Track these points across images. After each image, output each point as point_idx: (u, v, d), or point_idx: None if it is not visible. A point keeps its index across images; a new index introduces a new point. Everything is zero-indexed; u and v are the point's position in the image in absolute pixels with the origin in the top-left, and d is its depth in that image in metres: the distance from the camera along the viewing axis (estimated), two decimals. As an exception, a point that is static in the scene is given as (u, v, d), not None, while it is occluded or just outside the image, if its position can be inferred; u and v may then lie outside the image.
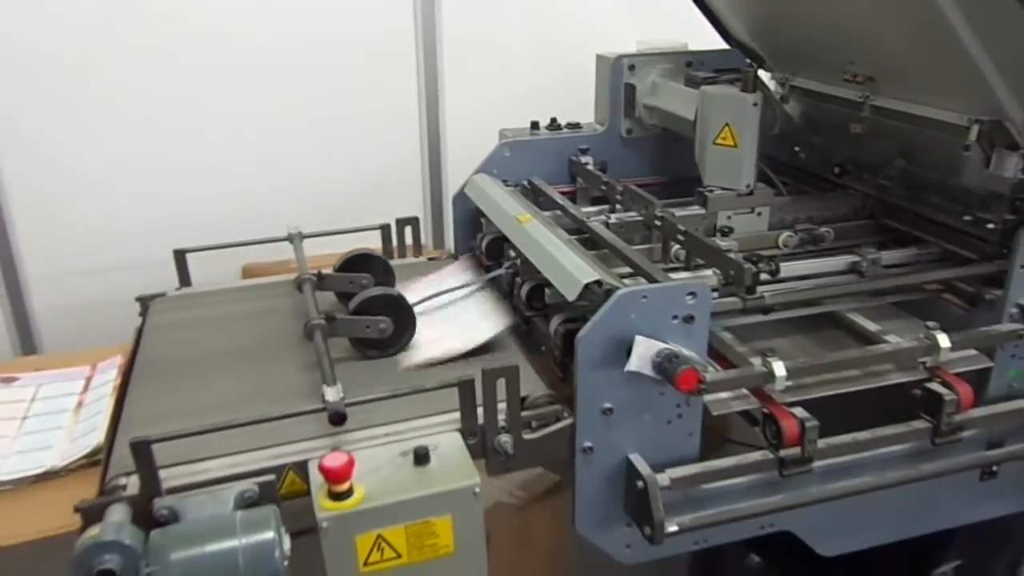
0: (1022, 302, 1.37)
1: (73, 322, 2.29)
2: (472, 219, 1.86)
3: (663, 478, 1.22)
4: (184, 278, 1.78)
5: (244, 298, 1.72)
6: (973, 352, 1.40)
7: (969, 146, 1.40)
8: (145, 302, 1.72)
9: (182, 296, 1.75)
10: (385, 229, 1.85)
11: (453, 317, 1.54)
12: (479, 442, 1.21)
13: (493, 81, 2.46)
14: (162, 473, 1.11)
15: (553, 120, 1.94)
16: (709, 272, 1.40)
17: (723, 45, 1.97)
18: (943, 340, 1.31)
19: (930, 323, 1.34)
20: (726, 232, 1.51)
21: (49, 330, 2.32)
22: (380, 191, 2.22)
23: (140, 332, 1.61)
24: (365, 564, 1.08)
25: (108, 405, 1.38)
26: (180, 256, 1.77)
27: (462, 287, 1.63)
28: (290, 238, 1.77)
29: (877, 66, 1.55)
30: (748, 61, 1.91)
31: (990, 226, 1.40)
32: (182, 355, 1.48)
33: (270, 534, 1.04)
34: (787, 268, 1.48)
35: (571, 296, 1.25)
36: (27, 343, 2.32)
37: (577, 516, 1.30)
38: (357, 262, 1.62)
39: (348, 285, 1.54)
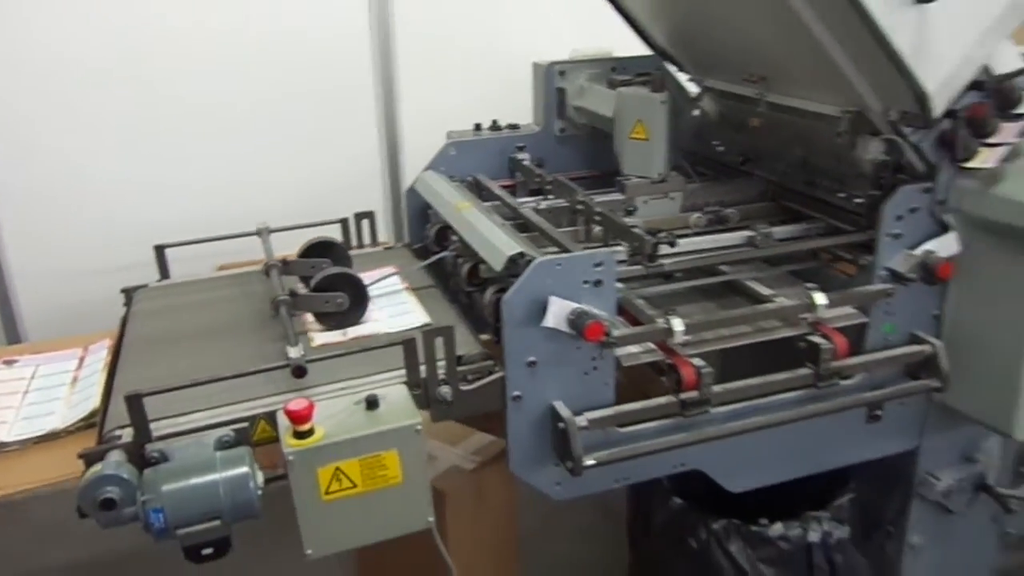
0: (889, 265, 1.61)
1: (57, 318, 2.47)
2: (422, 212, 2.07)
3: (581, 420, 1.44)
4: (164, 271, 1.98)
5: (219, 286, 1.92)
6: (852, 310, 1.63)
7: (840, 133, 1.64)
8: (129, 293, 1.92)
9: (163, 286, 1.94)
10: (344, 223, 2.06)
11: (390, 305, 1.74)
12: (423, 393, 1.41)
13: (445, 87, 2.68)
14: (152, 425, 1.31)
15: (494, 122, 2.16)
16: (621, 246, 1.62)
17: (647, 51, 2.20)
18: (820, 298, 1.54)
19: (809, 284, 1.58)
20: (630, 211, 1.74)
21: (34, 325, 2.50)
22: (343, 189, 2.43)
23: (125, 318, 1.81)
24: (326, 493, 1.28)
25: (101, 378, 1.57)
26: (160, 251, 1.96)
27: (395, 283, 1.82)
28: (258, 232, 1.97)
29: (768, 67, 1.79)
30: (665, 65, 2.14)
31: (858, 201, 1.63)
32: (165, 334, 1.68)
33: (245, 468, 1.25)
34: (693, 243, 1.71)
35: (498, 267, 1.46)
36: (12, 337, 2.50)
37: (511, 458, 1.51)
38: (318, 249, 1.83)
39: (310, 269, 1.74)
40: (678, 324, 1.45)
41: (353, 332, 1.62)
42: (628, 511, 2.11)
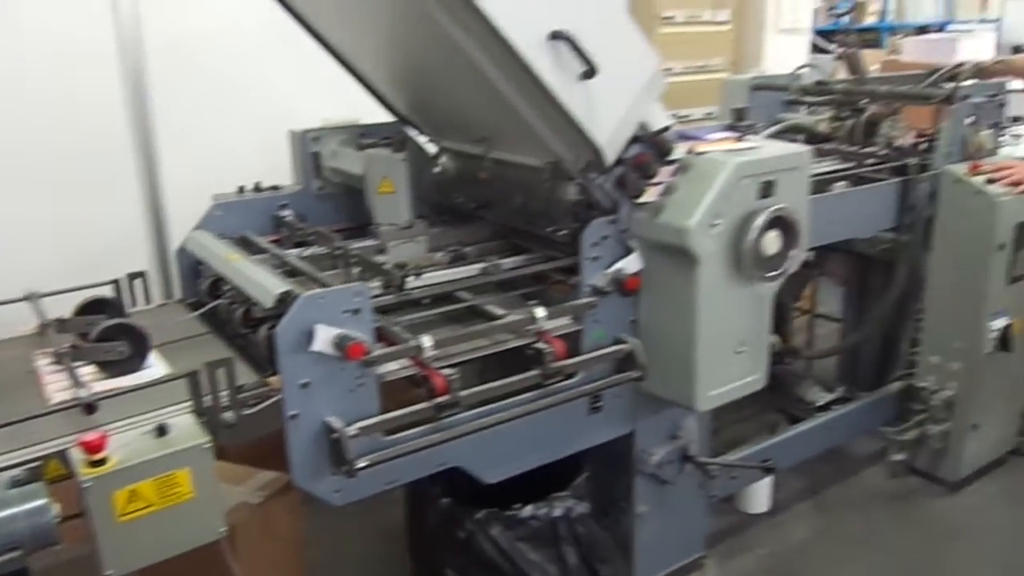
0: (591, 282, 2.02)
1: None
2: (194, 269, 2.23)
3: (352, 429, 1.69)
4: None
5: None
6: (567, 320, 2.02)
7: (545, 181, 2.05)
8: None
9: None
10: (116, 283, 2.16)
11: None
12: (209, 420, 1.59)
13: (206, 152, 2.83)
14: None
15: (257, 184, 2.38)
16: (376, 281, 1.90)
17: (391, 118, 2.52)
18: (540, 312, 1.90)
19: (532, 302, 1.95)
20: (381, 251, 2.05)
21: None
22: (110, 253, 2.50)
23: None
24: (123, 514, 1.42)
25: None
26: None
27: None
28: (28, 297, 2.03)
29: (487, 129, 2.17)
30: (407, 129, 2.48)
31: (563, 233, 2.04)
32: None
33: (42, 500, 1.37)
34: (437, 275, 2.03)
35: (269, 304, 1.69)
36: None
37: (293, 471, 1.71)
38: (93, 308, 1.94)
39: (87, 326, 1.85)
40: (427, 341, 1.75)
41: (133, 379, 1.75)
42: (407, 525, 2.36)
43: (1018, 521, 2.82)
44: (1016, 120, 3.12)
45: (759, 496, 2.84)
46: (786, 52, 4.31)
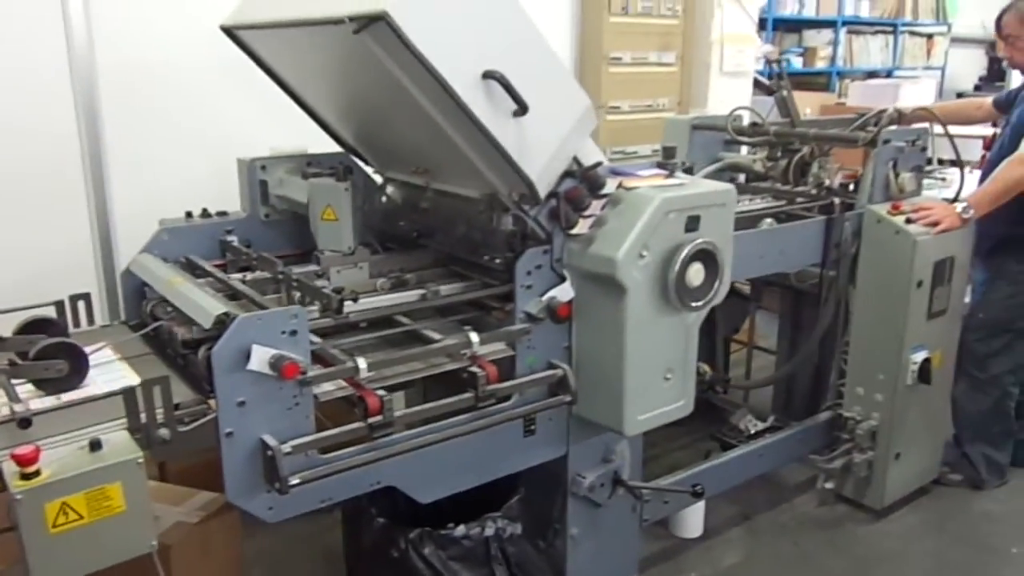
0: (525, 309, 2.10)
1: None
2: (138, 291, 2.27)
3: (286, 447, 1.74)
4: None
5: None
6: (501, 345, 2.10)
7: (482, 211, 2.14)
8: None
9: None
10: (59, 304, 2.20)
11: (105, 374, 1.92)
12: (144, 436, 1.63)
13: (155, 177, 2.89)
14: None
15: (204, 210, 2.43)
16: (315, 304, 1.97)
17: (338, 148, 2.60)
18: (474, 337, 1.99)
19: (467, 327, 2.02)
20: (320, 275, 2.12)
21: None
22: (59, 274, 2.53)
23: None
24: (54, 526, 1.46)
25: None
26: None
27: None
28: (-31, 316, 2.06)
29: (428, 161, 2.26)
30: (354, 159, 2.56)
31: (499, 261, 2.13)
32: None
33: (-27, 512, 1.40)
34: (376, 300, 2.10)
35: (207, 325, 1.75)
36: None
37: (228, 488, 1.76)
38: (33, 327, 1.97)
39: (27, 344, 1.88)
40: (362, 362, 1.82)
41: (70, 396, 1.79)
42: (344, 545, 2.40)
43: (940, 548, 2.94)
44: (941, 163, 3.30)
45: (692, 521, 2.93)
46: (730, 93, 4.47)
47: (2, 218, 2.67)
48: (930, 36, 9.29)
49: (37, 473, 1.45)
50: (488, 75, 1.78)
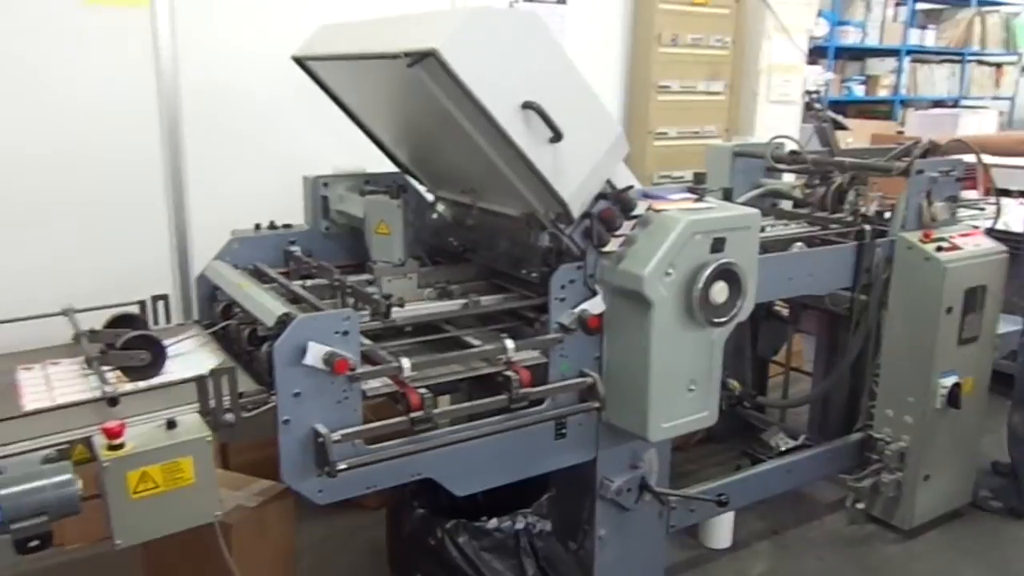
0: (559, 320, 2.27)
1: None
2: (211, 294, 2.51)
3: (335, 435, 1.93)
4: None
5: (35, 358, 2.22)
6: (535, 353, 2.27)
7: (521, 229, 2.32)
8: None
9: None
10: (142, 303, 2.45)
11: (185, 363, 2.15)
12: (212, 419, 1.85)
13: (232, 194, 3.16)
14: (-7, 451, 1.66)
15: (272, 222, 2.68)
16: (366, 309, 2.17)
17: (394, 168, 2.82)
18: (509, 344, 2.16)
19: (503, 335, 2.20)
20: (372, 283, 2.33)
21: None
22: (141, 278, 2.81)
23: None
24: (134, 492, 1.68)
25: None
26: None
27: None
28: (65, 312, 2.32)
29: (474, 182, 2.45)
30: (408, 179, 2.77)
31: (535, 276, 2.31)
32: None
33: (68, 475, 1.63)
34: (421, 307, 2.30)
35: (270, 323, 1.96)
36: None
37: (283, 471, 1.96)
38: (121, 322, 2.22)
39: (115, 337, 2.13)
40: (406, 362, 2.01)
41: (152, 382, 2.03)
42: (387, 533, 2.59)
43: (965, 570, 2.99)
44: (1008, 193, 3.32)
45: (721, 532, 3.04)
46: (778, 120, 4.60)
47: (94, 228, 2.98)
48: (999, 65, 9.19)
49: (122, 446, 1.67)
50: (527, 105, 1.97)
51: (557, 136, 2.00)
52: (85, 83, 2.92)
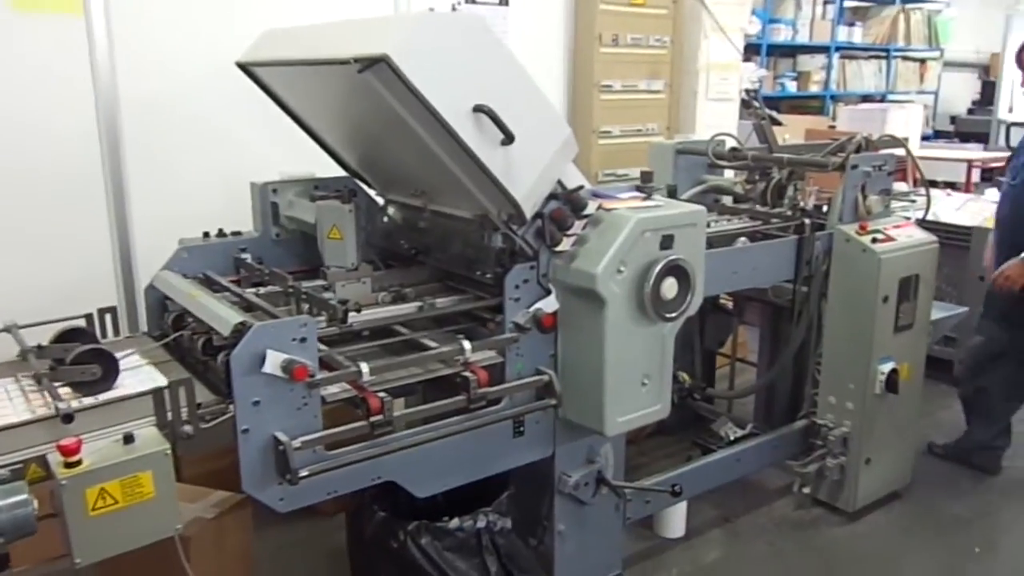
0: (513, 320, 2.30)
1: None
2: (160, 305, 2.48)
3: (296, 442, 1.93)
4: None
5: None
6: (492, 353, 2.30)
7: (474, 231, 2.34)
8: None
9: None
10: (88, 317, 2.40)
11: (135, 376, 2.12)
12: (170, 431, 1.83)
13: (177, 202, 3.10)
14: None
15: (220, 230, 2.65)
16: (322, 315, 2.17)
17: (343, 172, 2.82)
18: (466, 344, 2.19)
19: (460, 336, 2.22)
20: (326, 288, 2.33)
21: None
22: (84, 290, 2.75)
23: None
24: (93, 509, 1.65)
25: None
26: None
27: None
28: (8, 329, 2.26)
29: (425, 185, 2.47)
30: (358, 183, 2.77)
31: (489, 276, 2.33)
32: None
33: (23, 495, 1.60)
34: (377, 311, 2.31)
35: (226, 333, 1.95)
36: None
37: (244, 480, 1.95)
38: (69, 336, 2.18)
39: (63, 352, 2.09)
40: (364, 367, 2.01)
41: (105, 397, 1.99)
42: (347, 538, 2.59)
43: (907, 548, 3.12)
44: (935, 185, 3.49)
45: (675, 522, 3.10)
46: (717, 118, 4.70)
47: (33, 242, 2.89)
48: (923, 61, 9.54)
49: (79, 462, 1.65)
50: (478, 109, 1.99)
51: (508, 139, 2.03)
52: (20, 93, 2.84)
